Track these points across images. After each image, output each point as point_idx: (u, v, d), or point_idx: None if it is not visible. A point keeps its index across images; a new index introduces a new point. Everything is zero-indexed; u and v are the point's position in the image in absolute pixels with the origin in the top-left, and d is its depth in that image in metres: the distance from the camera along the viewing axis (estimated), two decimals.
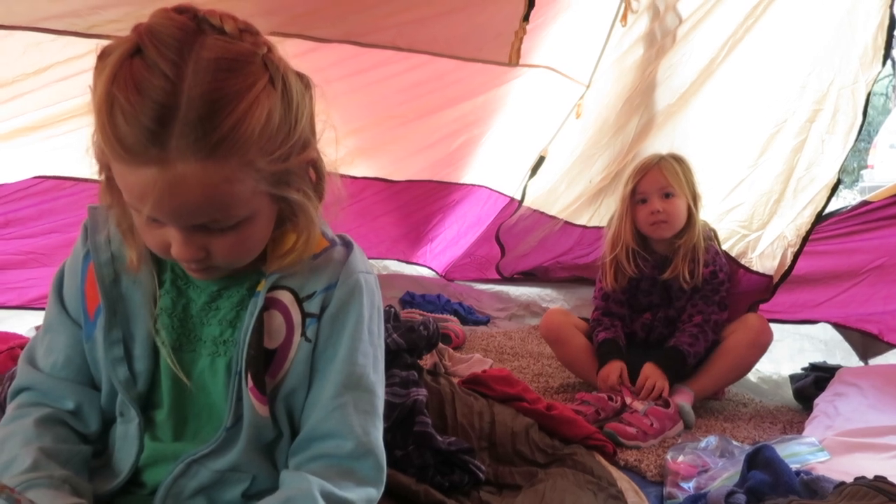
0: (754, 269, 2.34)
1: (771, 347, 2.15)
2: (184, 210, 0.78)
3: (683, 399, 2.01)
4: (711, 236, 2.27)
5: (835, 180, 2.22)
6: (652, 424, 1.85)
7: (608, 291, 2.26)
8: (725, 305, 2.21)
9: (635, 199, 2.19)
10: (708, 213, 2.29)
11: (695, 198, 2.18)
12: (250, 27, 0.80)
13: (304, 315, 0.92)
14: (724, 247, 2.36)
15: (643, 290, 2.24)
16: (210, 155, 0.74)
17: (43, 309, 1.04)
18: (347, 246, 0.97)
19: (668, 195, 2.14)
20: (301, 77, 0.84)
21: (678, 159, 2.19)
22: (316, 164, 0.89)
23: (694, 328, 2.12)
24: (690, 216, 2.17)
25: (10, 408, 0.95)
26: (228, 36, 0.77)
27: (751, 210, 2.41)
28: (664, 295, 2.23)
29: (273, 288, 0.91)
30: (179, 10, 0.77)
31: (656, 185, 2.15)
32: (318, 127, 0.88)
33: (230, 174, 0.77)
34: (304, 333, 0.92)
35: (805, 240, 2.25)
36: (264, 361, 0.90)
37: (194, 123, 0.72)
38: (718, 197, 2.46)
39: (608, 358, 2.12)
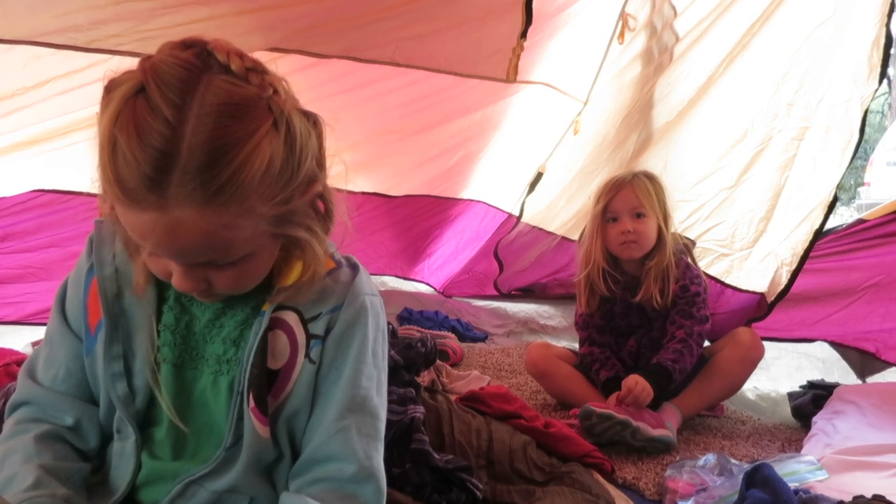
0: (742, 287, 2.32)
1: (769, 365, 2.15)
2: (182, 251, 0.78)
3: (669, 419, 1.98)
4: (683, 249, 2.21)
5: (831, 198, 2.21)
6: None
7: (586, 316, 2.23)
8: (706, 318, 2.13)
9: (606, 217, 2.15)
10: (693, 231, 2.26)
11: (666, 218, 2.14)
12: (258, 65, 0.78)
13: (309, 336, 0.92)
14: (701, 264, 2.32)
15: (619, 314, 2.21)
16: (209, 203, 0.74)
17: (41, 324, 1.04)
18: (354, 268, 0.97)
19: (639, 215, 2.11)
20: (308, 115, 0.83)
21: (650, 178, 2.15)
22: (323, 197, 0.88)
23: (678, 344, 2.06)
24: (661, 237, 2.12)
25: (9, 423, 0.95)
26: (234, 76, 0.76)
27: (731, 229, 2.39)
28: (642, 315, 2.18)
29: (278, 308, 0.91)
30: (186, 44, 0.76)
31: (628, 204, 2.11)
32: (329, 161, 0.87)
33: (229, 221, 0.76)
34: (307, 355, 0.91)
35: (804, 258, 2.25)
36: (267, 382, 0.90)
37: (193, 173, 0.72)
38: (705, 213, 2.46)
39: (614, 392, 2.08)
